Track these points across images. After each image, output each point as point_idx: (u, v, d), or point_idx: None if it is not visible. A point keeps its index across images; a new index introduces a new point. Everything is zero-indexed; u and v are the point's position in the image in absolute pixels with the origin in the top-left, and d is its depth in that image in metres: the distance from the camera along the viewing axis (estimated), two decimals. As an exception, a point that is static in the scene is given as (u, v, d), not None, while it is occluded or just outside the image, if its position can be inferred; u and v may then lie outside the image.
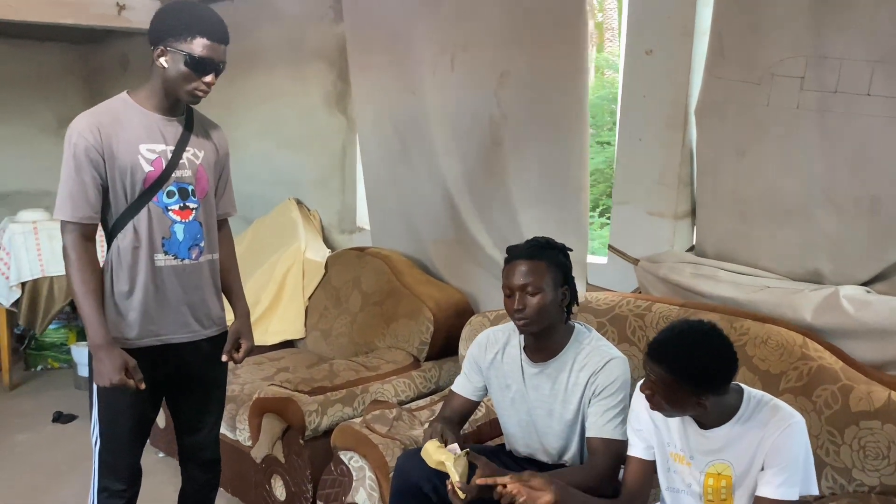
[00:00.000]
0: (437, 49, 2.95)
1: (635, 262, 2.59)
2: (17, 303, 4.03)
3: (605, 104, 5.25)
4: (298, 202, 3.98)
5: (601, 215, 4.93)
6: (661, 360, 1.48)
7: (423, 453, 1.81)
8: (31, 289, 4.03)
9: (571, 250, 1.96)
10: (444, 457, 1.68)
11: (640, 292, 2.56)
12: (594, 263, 2.80)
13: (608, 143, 4.95)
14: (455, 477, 1.65)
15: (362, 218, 3.80)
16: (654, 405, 1.55)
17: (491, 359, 2.03)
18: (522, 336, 1.98)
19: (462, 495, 1.64)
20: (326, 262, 3.57)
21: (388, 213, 3.46)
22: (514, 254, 1.89)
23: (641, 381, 1.58)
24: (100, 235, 1.92)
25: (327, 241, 3.90)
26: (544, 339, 1.93)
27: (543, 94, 2.65)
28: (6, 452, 3.37)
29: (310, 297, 3.52)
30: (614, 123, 2.69)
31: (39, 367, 4.54)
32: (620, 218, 2.68)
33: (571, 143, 2.62)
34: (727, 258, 2.40)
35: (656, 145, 2.52)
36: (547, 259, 1.86)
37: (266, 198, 4.08)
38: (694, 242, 2.56)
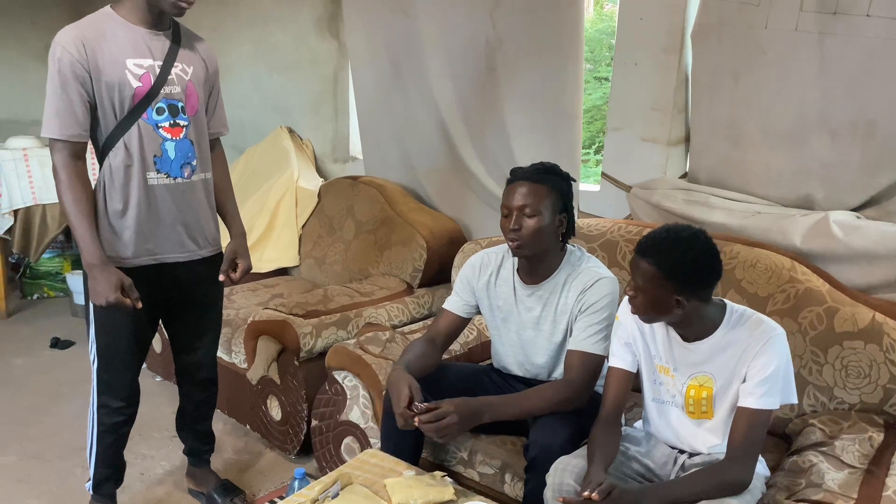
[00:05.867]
0: (431, -32, 2.89)
1: (628, 188, 2.59)
2: (10, 231, 4.03)
3: (604, 38, 5.10)
4: (290, 130, 3.94)
5: (597, 152, 4.86)
6: (650, 254, 1.50)
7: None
8: (24, 217, 4.02)
9: (575, 181, 1.95)
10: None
11: (631, 219, 2.57)
12: (587, 191, 2.80)
13: (606, 80, 4.80)
14: None
15: (355, 147, 3.77)
16: (636, 307, 1.57)
17: (486, 281, 2.04)
18: (516, 259, 2.00)
19: None
20: (319, 191, 3.56)
21: (381, 141, 3.43)
22: (518, 175, 1.88)
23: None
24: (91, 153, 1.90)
25: (320, 171, 3.87)
26: (537, 263, 1.94)
27: (539, 18, 2.60)
28: (5, 375, 3.41)
29: (303, 226, 3.53)
30: (612, 59, 2.64)
31: (35, 296, 4.56)
32: (614, 145, 2.67)
33: (566, 70, 2.59)
34: (720, 184, 2.40)
35: (652, 70, 2.49)
36: (549, 184, 1.85)
37: (258, 125, 4.03)
38: (687, 169, 2.56)
